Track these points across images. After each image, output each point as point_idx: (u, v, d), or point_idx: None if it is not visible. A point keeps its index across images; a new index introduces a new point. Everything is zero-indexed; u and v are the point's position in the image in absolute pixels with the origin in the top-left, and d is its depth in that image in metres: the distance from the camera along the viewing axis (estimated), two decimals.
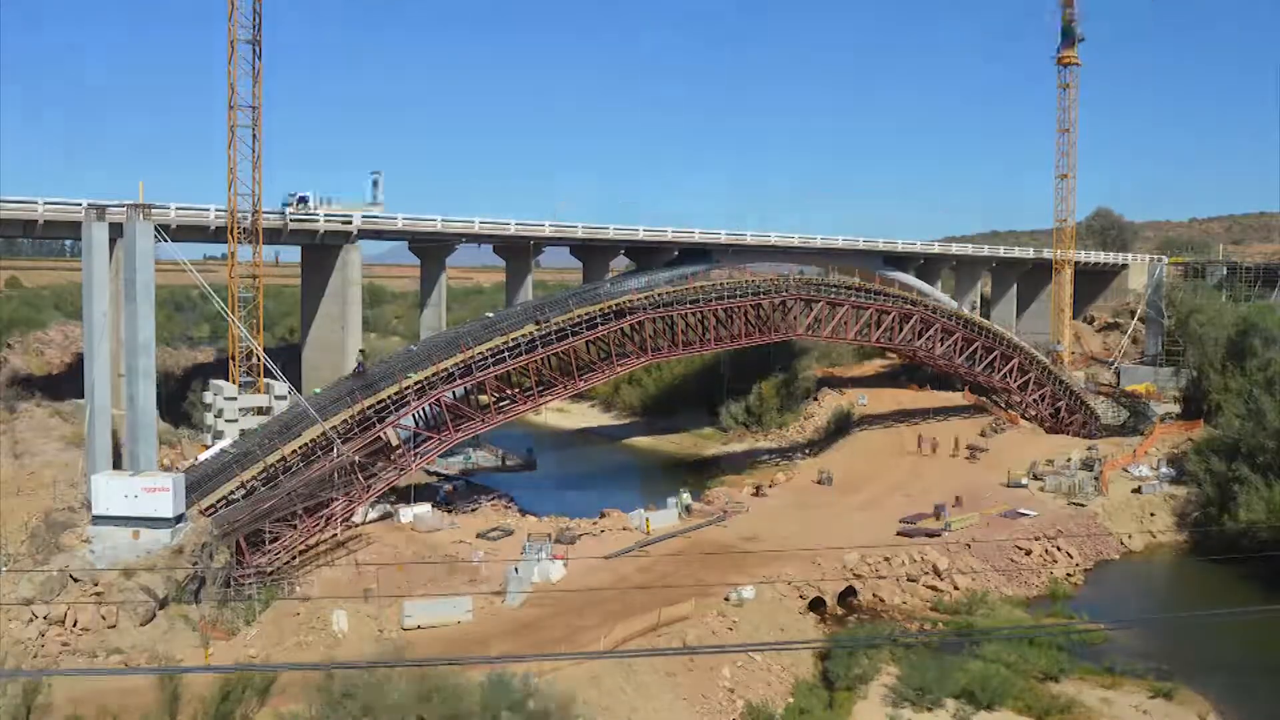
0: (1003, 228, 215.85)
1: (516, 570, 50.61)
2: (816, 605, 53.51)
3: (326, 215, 73.97)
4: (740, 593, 48.99)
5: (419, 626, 45.64)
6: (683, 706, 40.39)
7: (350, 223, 75.01)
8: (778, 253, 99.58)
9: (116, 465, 55.71)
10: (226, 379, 65.89)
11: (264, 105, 63.14)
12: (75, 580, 43.42)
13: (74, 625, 41.56)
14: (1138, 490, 73.84)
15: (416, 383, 59.90)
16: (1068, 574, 60.99)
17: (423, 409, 61.25)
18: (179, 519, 47.58)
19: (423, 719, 29.37)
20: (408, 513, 61.52)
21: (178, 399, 76.56)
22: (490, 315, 75.82)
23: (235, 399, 64.11)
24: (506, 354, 63.23)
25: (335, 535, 55.37)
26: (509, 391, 65.49)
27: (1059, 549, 63.01)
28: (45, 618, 41.37)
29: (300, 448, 55.58)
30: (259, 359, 63.40)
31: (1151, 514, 70.99)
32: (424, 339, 77.51)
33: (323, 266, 76.59)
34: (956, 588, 56.56)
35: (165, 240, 58.53)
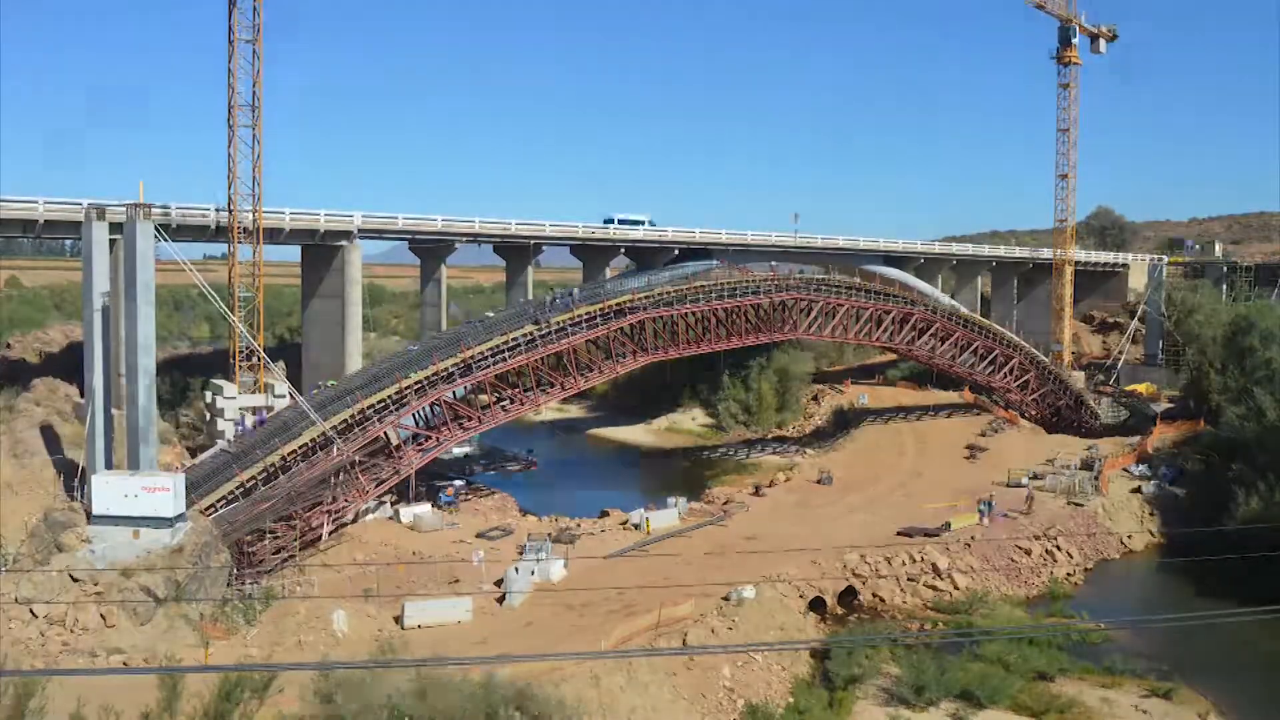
0: (1003, 228, 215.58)
1: (516, 570, 50.60)
2: (816, 605, 53.52)
3: (327, 214, 73.94)
4: (740, 592, 48.94)
5: (419, 626, 45.63)
6: (683, 706, 40.39)
7: (350, 222, 75.00)
8: (778, 253, 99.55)
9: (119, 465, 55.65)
10: (226, 378, 65.90)
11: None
12: (75, 580, 43.40)
13: (74, 625, 41.54)
14: (1137, 490, 73.79)
15: (416, 382, 59.95)
16: (1068, 573, 60.97)
17: (423, 408, 61.29)
18: (179, 519, 47.56)
19: (421, 717, 29.36)
20: (408, 513, 61.57)
21: (178, 399, 76.52)
22: (490, 315, 75.83)
23: (235, 399, 64.10)
24: (506, 353, 63.26)
25: (335, 535, 55.38)
26: (509, 391, 65.52)
27: (1059, 548, 63.01)
28: (45, 618, 41.35)
29: (300, 447, 55.60)
30: (259, 359, 63.37)
31: (1151, 513, 70.99)
32: (424, 338, 77.52)
33: (323, 266, 76.53)
34: (956, 587, 56.59)
35: (165, 240, 58.49)
